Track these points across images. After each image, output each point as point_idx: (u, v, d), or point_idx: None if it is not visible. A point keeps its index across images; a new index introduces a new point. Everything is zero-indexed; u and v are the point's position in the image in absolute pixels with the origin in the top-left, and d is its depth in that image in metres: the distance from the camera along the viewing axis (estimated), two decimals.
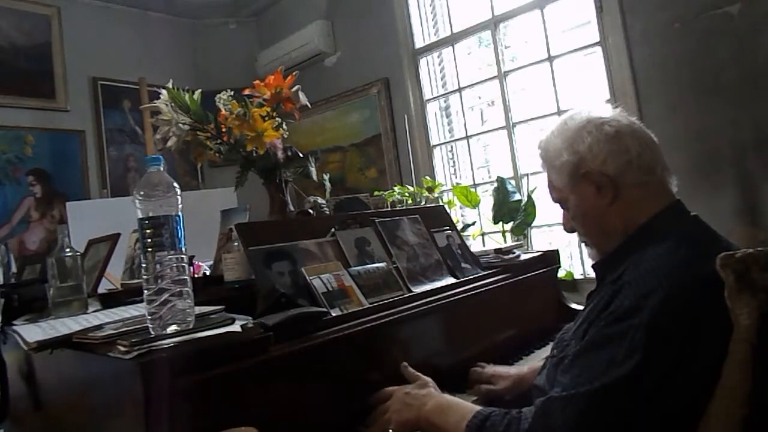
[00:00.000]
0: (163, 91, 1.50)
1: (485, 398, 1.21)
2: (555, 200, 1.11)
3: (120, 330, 0.92)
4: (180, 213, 0.91)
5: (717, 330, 0.80)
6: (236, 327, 0.94)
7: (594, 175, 0.99)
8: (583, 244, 1.13)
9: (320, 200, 1.77)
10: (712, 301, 0.81)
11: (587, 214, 1.04)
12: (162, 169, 0.92)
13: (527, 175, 3.08)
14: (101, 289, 1.62)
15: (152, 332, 0.87)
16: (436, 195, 2.50)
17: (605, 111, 1.05)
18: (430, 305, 1.31)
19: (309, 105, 1.64)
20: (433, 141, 3.60)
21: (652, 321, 0.81)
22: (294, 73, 1.60)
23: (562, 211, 1.12)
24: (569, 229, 1.12)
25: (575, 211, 1.06)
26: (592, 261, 1.11)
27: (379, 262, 1.38)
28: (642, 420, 0.80)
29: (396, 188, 2.37)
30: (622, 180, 0.98)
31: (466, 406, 0.99)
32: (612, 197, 0.99)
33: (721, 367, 0.80)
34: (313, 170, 1.66)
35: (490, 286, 1.52)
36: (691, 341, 0.80)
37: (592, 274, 1.11)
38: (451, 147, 3.61)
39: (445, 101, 3.64)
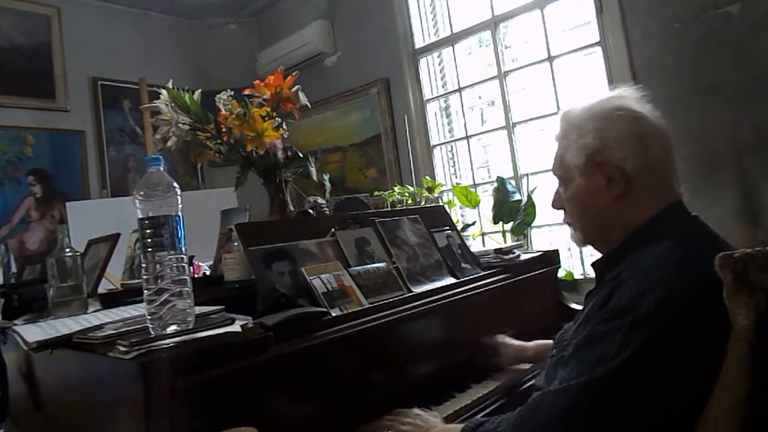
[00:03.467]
0: (163, 91, 1.50)
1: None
2: (556, 174, 1.08)
3: (120, 330, 0.92)
4: (180, 213, 0.91)
5: (714, 330, 0.80)
6: (236, 327, 0.94)
7: (609, 167, 0.98)
8: (566, 225, 1.11)
9: (320, 200, 1.77)
10: (709, 301, 0.81)
11: (588, 203, 1.02)
12: (162, 169, 0.92)
13: (527, 175, 3.08)
14: (101, 289, 1.62)
15: (152, 332, 0.87)
16: (436, 195, 2.50)
17: (642, 104, 1.02)
18: (430, 305, 1.31)
19: (309, 105, 1.65)
20: (433, 141, 3.60)
21: (647, 319, 0.81)
22: (294, 73, 1.60)
23: (556, 187, 1.09)
24: (558, 206, 1.10)
25: (576, 193, 1.03)
26: (575, 244, 1.10)
27: (379, 262, 1.38)
28: (631, 416, 0.80)
29: (396, 188, 2.37)
30: (636, 179, 0.97)
31: None
32: (621, 193, 0.98)
33: (719, 367, 0.79)
34: (313, 170, 1.66)
35: (490, 286, 1.52)
36: (686, 340, 0.80)
37: (592, 274, 1.10)
38: (451, 147, 3.61)
39: (445, 101, 3.64)
